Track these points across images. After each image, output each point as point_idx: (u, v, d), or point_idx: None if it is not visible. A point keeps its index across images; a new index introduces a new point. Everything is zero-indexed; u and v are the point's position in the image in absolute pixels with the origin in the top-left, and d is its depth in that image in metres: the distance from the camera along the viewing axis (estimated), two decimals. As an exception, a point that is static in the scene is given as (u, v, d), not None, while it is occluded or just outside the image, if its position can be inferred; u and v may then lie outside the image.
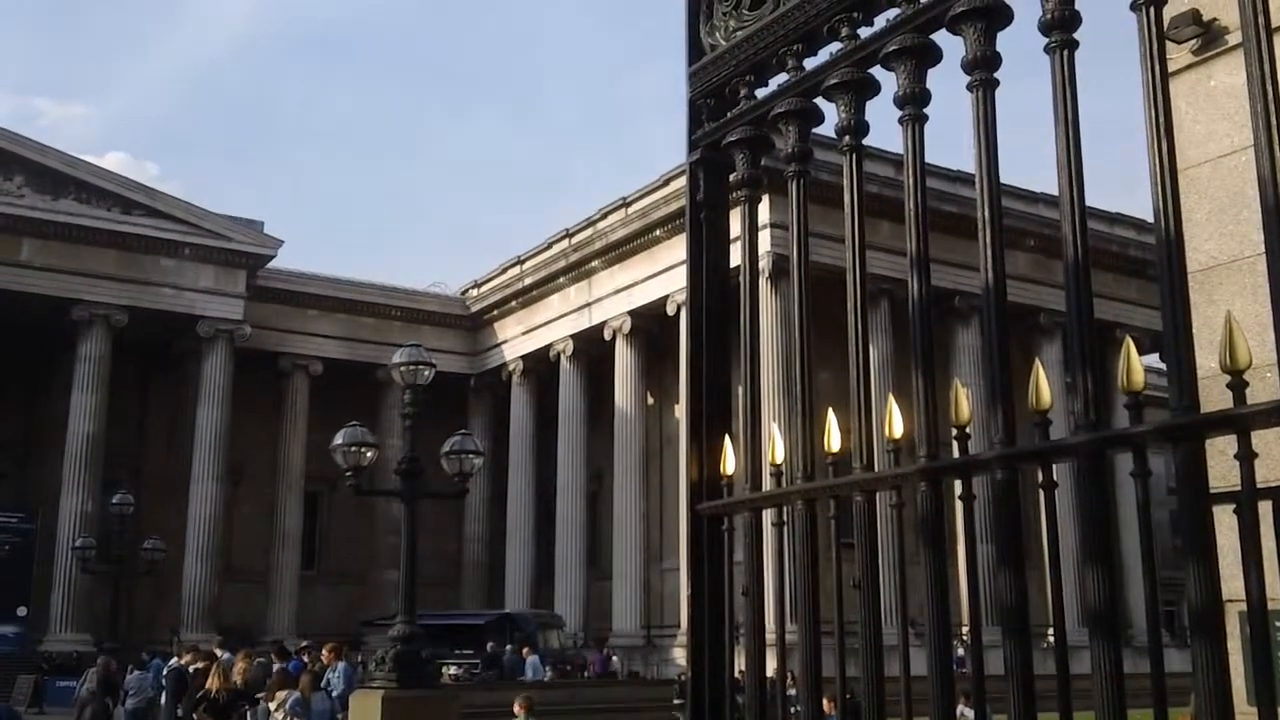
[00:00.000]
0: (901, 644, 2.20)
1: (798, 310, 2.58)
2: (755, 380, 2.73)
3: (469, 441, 14.36)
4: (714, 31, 2.89)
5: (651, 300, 36.54)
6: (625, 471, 37.46)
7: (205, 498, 37.76)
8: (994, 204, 2.19)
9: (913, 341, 2.29)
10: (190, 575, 36.80)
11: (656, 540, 37.49)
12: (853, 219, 2.45)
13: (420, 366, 13.23)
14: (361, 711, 12.47)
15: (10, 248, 35.71)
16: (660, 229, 35.95)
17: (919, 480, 2.21)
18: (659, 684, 28.30)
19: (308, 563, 42.48)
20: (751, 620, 2.60)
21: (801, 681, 2.45)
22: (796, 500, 2.48)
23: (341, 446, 13.16)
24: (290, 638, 32.38)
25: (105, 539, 28.19)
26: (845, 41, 2.48)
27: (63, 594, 34.68)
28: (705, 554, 2.75)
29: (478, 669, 27.15)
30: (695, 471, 2.80)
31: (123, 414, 38.21)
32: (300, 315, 42.07)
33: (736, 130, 2.78)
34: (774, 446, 2.57)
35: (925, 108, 2.36)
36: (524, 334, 43.11)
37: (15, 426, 38.73)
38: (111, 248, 36.98)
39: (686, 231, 2.99)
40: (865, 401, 2.38)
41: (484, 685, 24.41)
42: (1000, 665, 2.08)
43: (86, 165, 38.45)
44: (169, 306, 38.05)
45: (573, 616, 36.56)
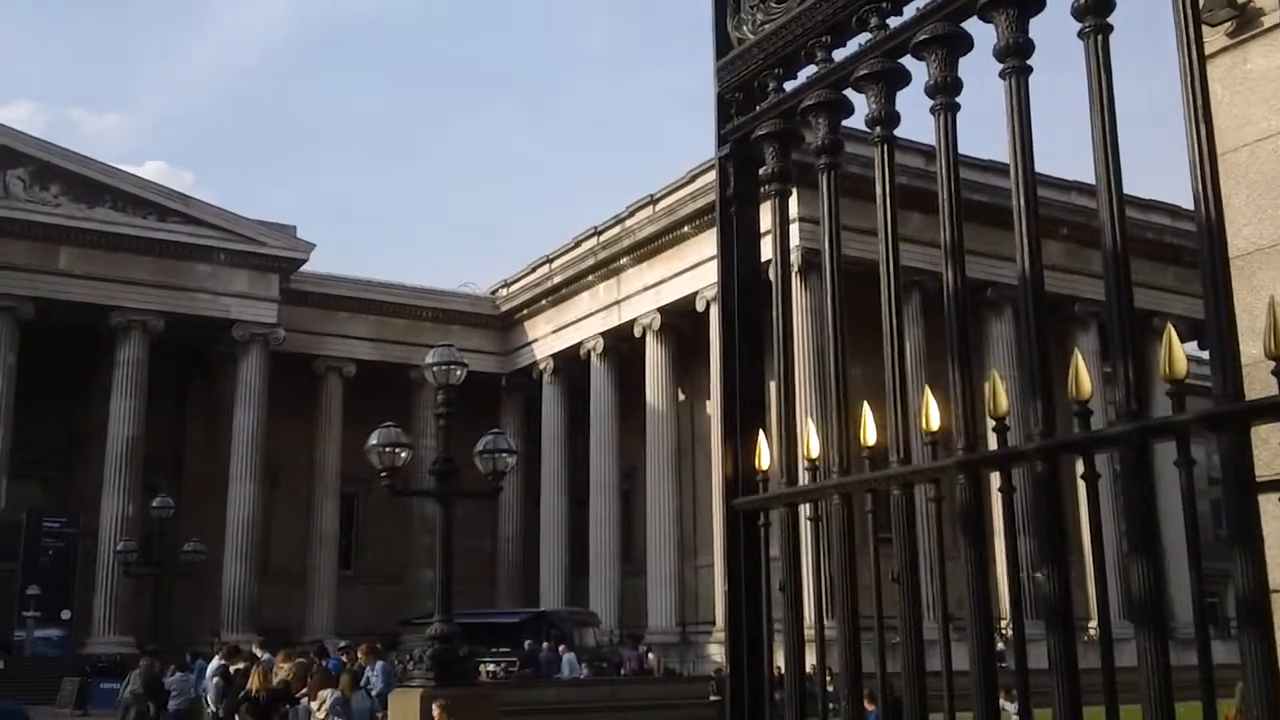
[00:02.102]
0: (942, 639, 2.18)
1: (831, 303, 2.56)
2: (789, 374, 2.71)
3: (502, 440, 14.39)
4: (741, 25, 2.87)
5: (680, 297, 36.50)
6: (658, 468, 37.44)
7: (243, 500, 38.09)
8: (1029, 193, 2.17)
9: (948, 333, 2.26)
10: (230, 577, 37.14)
11: (690, 536, 37.45)
12: (885, 210, 2.43)
13: (452, 366, 13.26)
14: (400, 710, 12.53)
15: (49, 257, 36.15)
16: (688, 225, 35.90)
17: (958, 473, 2.19)
18: (695, 681, 28.30)
19: (344, 563, 42.75)
20: (789, 616, 2.59)
21: (841, 677, 2.43)
22: (833, 495, 2.46)
23: (376, 447, 13.22)
24: (329, 637, 32.65)
25: (146, 542, 28.43)
26: (875, 32, 2.45)
27: (105, 597, 35.08)
28: (741, 550, 2.74)
29: (514, 667, 27.23)
30: (730, 467, 2.79)
31: (161, 418, 38.59)
32: (333, 318, 42.35)
33: (766, 124, 2.76)
34: (809, 441, 2.55)
35: (957, 96, 2.34)
36: (554, 332, 43.17)
37: (57, 432, 39.19)
38: (148, 254, 37.36)
39: (717, 226, 2.97)
40: (901, 394, 2.36)
41: (521, 683, 24.48)
42: (1040, 659, 2.06)
43: (122, 174, 38.86)
44: (205, 311, 38.40)
45: (607, 614, 36.59)
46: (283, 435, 40.15)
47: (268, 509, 39.77)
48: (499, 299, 46.13)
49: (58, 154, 37.30)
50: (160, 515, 24.89)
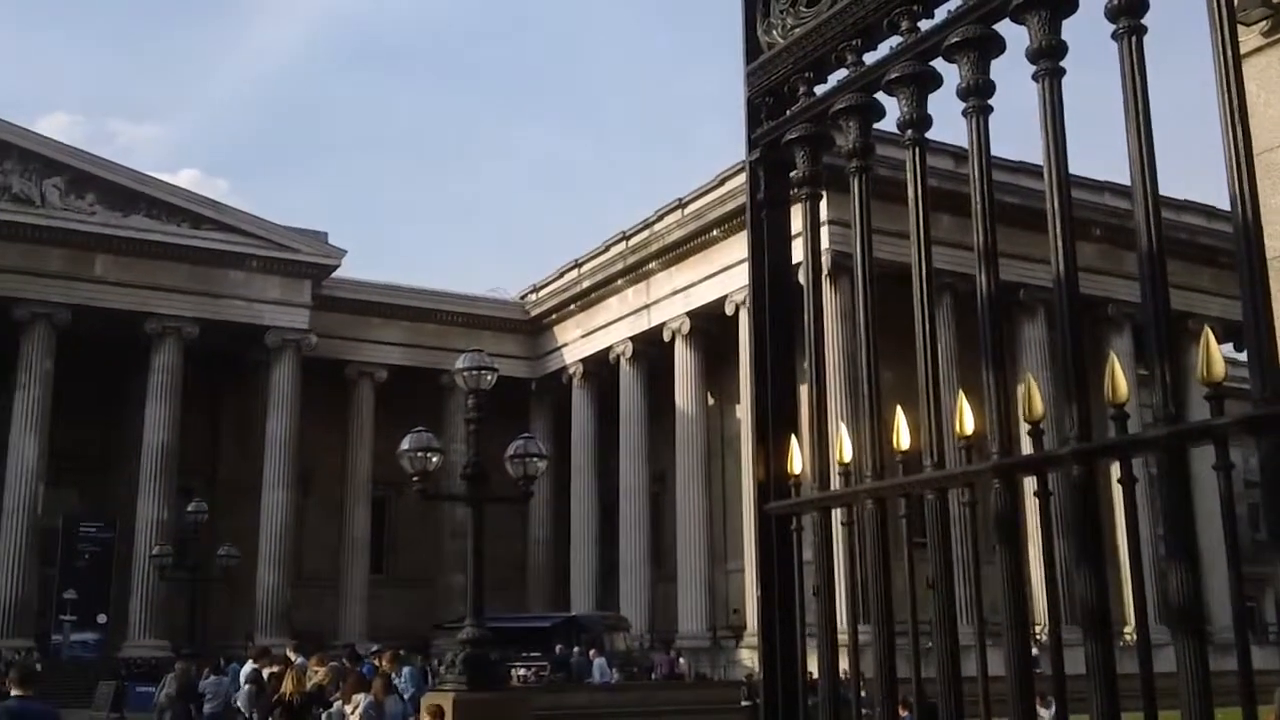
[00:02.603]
0: (978, 644, 2.17)
1: (863, 306, 2.56)
2: (821, 378, 2.70)
3: (533, 445, 14.40)
4: (771, 30, 2.87)
5: (709, 301, 36.46)
6: (687, 472, 37.41)
7: (276, 505, 38.35)
8: (1063, 195, 2.15)
9: (981, 336, 2.25)
10: (264, 581, 37.38)
11: (720, 541, 37.39)
12: (917, 213, 2.42)
13: (483, 371, 13.30)
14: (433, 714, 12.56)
15: (85, 264, 36.55)
16: (717, 229, 35.86)
17: (993, 477, 2.18)
18: (726, 685, 28.25)
19: (376, 567, 42.95)
20: (823, 621, 2.58)
21: (876, 682, 2.42)
22: (866, 499, 2.45)
23: (408, 452, 13.26)
24: (361, 641, 32.80)
25: (181, 546, 28.70)
26: (906, 35, 2.45)
27: (141, 601, 35.38)
28: (775, 554, 2.73)
29: (545, 671, 27.26)
30: (762, 471, 2.79)
31: (196, 424, 38.92)
32: (364, 323, 42.57)
33: (796, 128, 2.76)
34: (841, 445, 2.55)
35: (989, 99, 2.33)
36: (583, 337, 43.22)
37: (93, 438, 39.59)
38: (182, 262, 37.71)
39: (748, 230, 2.97)
40: (935, 398, 2.35)
41: (552, 688, 24.51)
42: (1076, 665, 2.04)
43: (156, 182, 39.25)
44: (238, 318, 38.69)
45: (637, 618, 36.57)
46: (315, 440, 40.41)
47: (300, 514, 40.02)
48: (528, 304, 46.24)
49: (93, 162, 37.72)
50: (195, 520, 25.11)
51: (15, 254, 35.54)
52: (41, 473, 35.29)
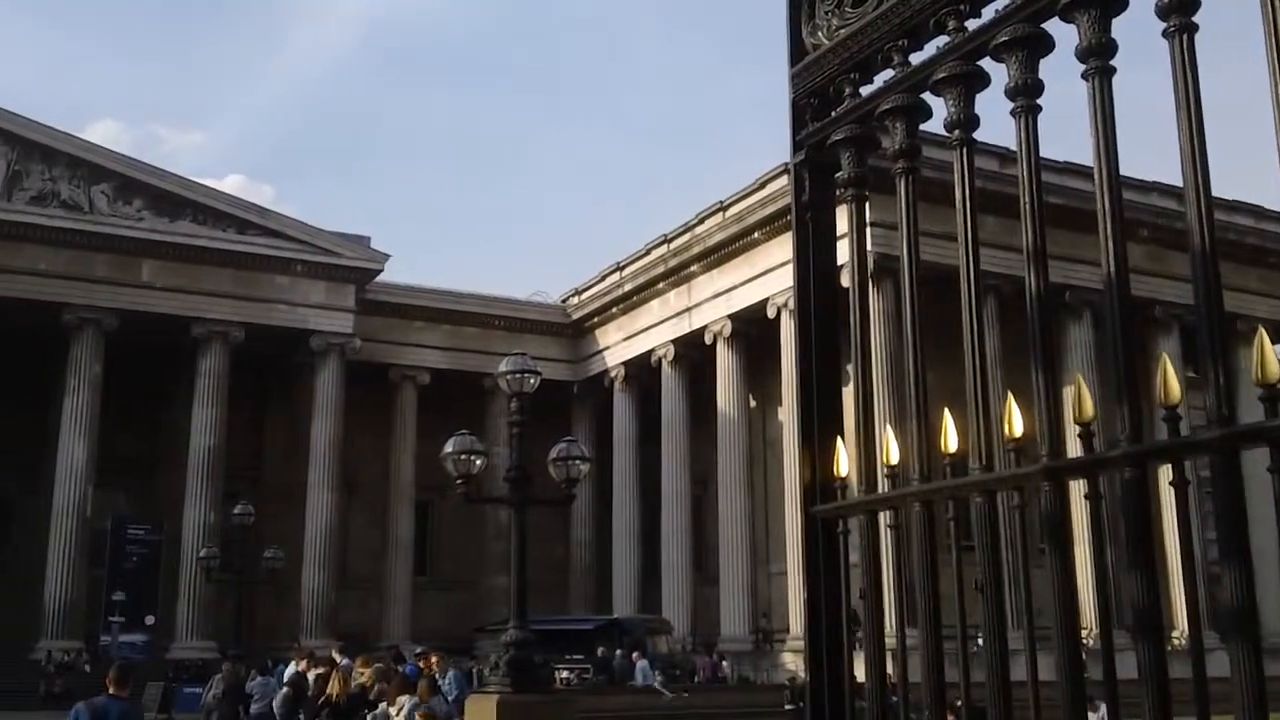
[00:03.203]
0: (1028, 648, 2.15)
1: (909, 308, 2.54)
2: (867, 380, 2.69)
3: (576, 448, 14.40)
4: (816, 31, 2.86)
5: (751, 303, 36.37)
6: (729, 475, 37.34)
7: (321, 507, 38.67)
8: (1114, 196, 2.13)
9: (1031, 337, 2.23)
10: (309, 583, 37.70)
11: (763, 544, 37.29)
12: (964, 214, 2.41)
13: (526, 374, 13.32)
14: (477, 715, 12.62)
15: (132, 269, 37.06)
16: (758, 232, 35.78)
17: (1042, 480, 2.16)
18: (769, 689, 28.17)
19: (419, 569, 43.19)
20: (870, 624, 2.57)
21: (925, 687, 2.41)
22: (914, 502, 2.44)
23: (452, 454, 13.31)
24: (405, 643, 32.97)
25: (227, 549, 28.99)
26: (953, 35, 2.43)
27: (188, 602, 35.80)
28: (821, 557, 2.72)
29: (588, 674, 27.30)
30: (808, 474, 2.78)
31: (242, 427, 39.33)
32: (407, 327, 42.84)
33: (842, 129, 2.75)
34: (888, 447, 2.54)
35: (1038, 98, 2.31)
36: (625, 340, 43.26)
37: (141, 441, 40.09)
38: (228, 267, 38.14)
39: (793, 233, 2.97)
40: (983, 400, 2.33)
41: (595, 690, 24.54)
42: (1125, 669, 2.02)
43: (202, 188, 39.71)
44: (283, 322, 39.07)
45: (680, 621, 36.55)
46: (358, 443, 40.72)
47: (344, 516, 40.34)
48: (570, 307, 46.35)
49: (140, 169, 38.25)
50: (241, 522, 25.33)
51: (64, 260, 36.11)
52: (90, 475, 35.79)
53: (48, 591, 34.68)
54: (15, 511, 40.01)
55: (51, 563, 34.84)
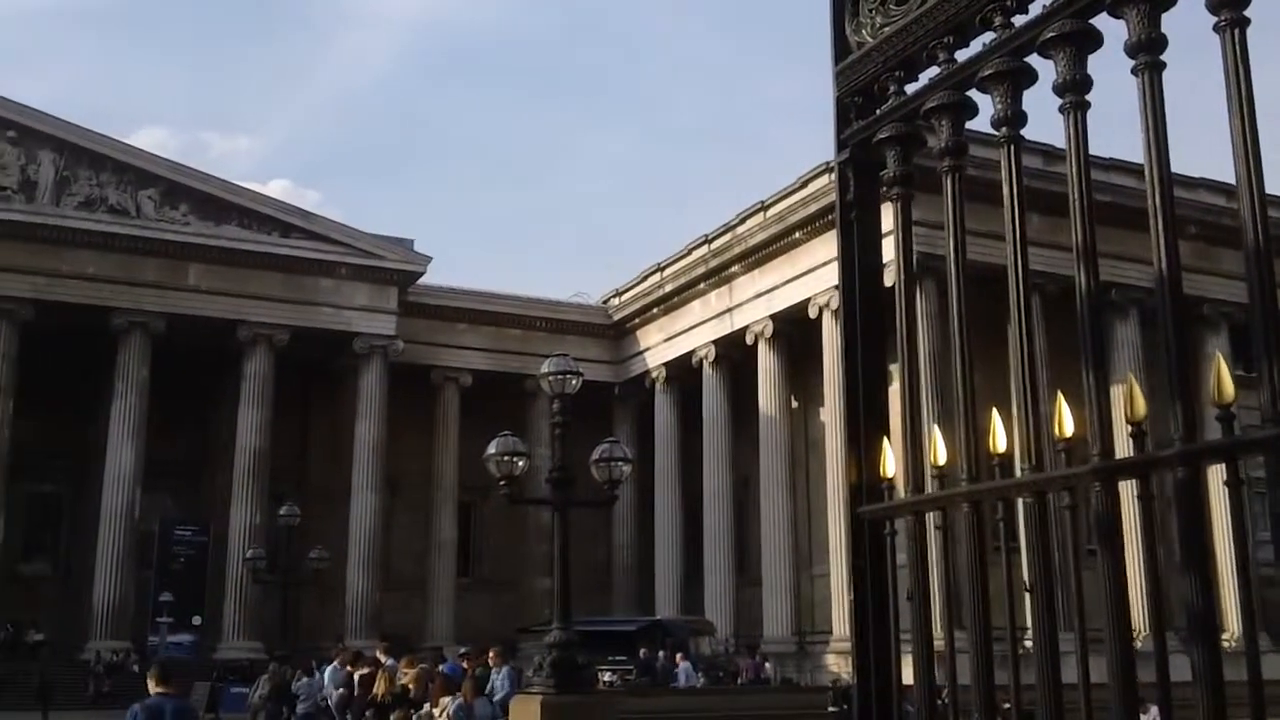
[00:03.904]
0: (1079, 650, 2.13)
1: (957, 308, 2.52)
2: (914, 380, 2.67)
3: (618, 449, 14.42)
4: (860, 29, 2.85)
5: (792, 304, 36.24)
6: (771, 476, 37.21)
7: (365, 509, 38.95)
8: (1165, 192, 2.11)
9: (1081, 336, 2.21)
10: (353, 584, 37.98)
11: (805, 545, 37.14)
12: (1012, 212, 2.39)
13: (568, 376, 13.36)
14: (522, 716, 12.66)
15: (178, 273, 37.52)
16: (799, 231, 35.65)
17: (1093, 480, 2.13)
18: (813, 691, 28.04)
19: (463, 570, 43.36)
20: (918, 626, 2.55)
21: (974, 690, 2.39)
22: (962, 503, 2.42)
23: (494, 456, 13.37)
24: (448, 644, 33.16)
25: (272, 550, 29.24)
26: (999, 31, 2.41)
27: (235, 603, 36.17)
28: (867, 558, 2.71)
29: (631, 675, 27.27)
30: (854, 475, 2.76)
31: (287, 429, 39.67)
32: (449, 329, 43.06)
33: (887, 127, 2.73)
34: (936, 448, 2.52)
35: (1087, 95, 2.29)
36: (666, 341, 43.24)
37: (188, 444, 40.56)
38: (273, 270, 38.51)
39: (837, 232, 2.95)
40: (1032, 400, 2.31)
41: (638, 691, 24.53)
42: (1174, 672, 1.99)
43: (247, 192, 40.14)
44: (327, 325, 39.41)
45: (722, 623, 36.46)
46: (401, 445, 40.97)
47: (388, 518, 40.60)
48: (611, 308, 46.39)
49: (186, 174, 38.71)
50: (287, 524, 25.54)
51: (112, 264, 36.61)
52: (138, 477, 36.25)
53: (97, 592, 35.15)
54: (65, 514, 40.62)
55: (100, 564, 35.32)
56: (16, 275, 35.42)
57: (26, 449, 36.26)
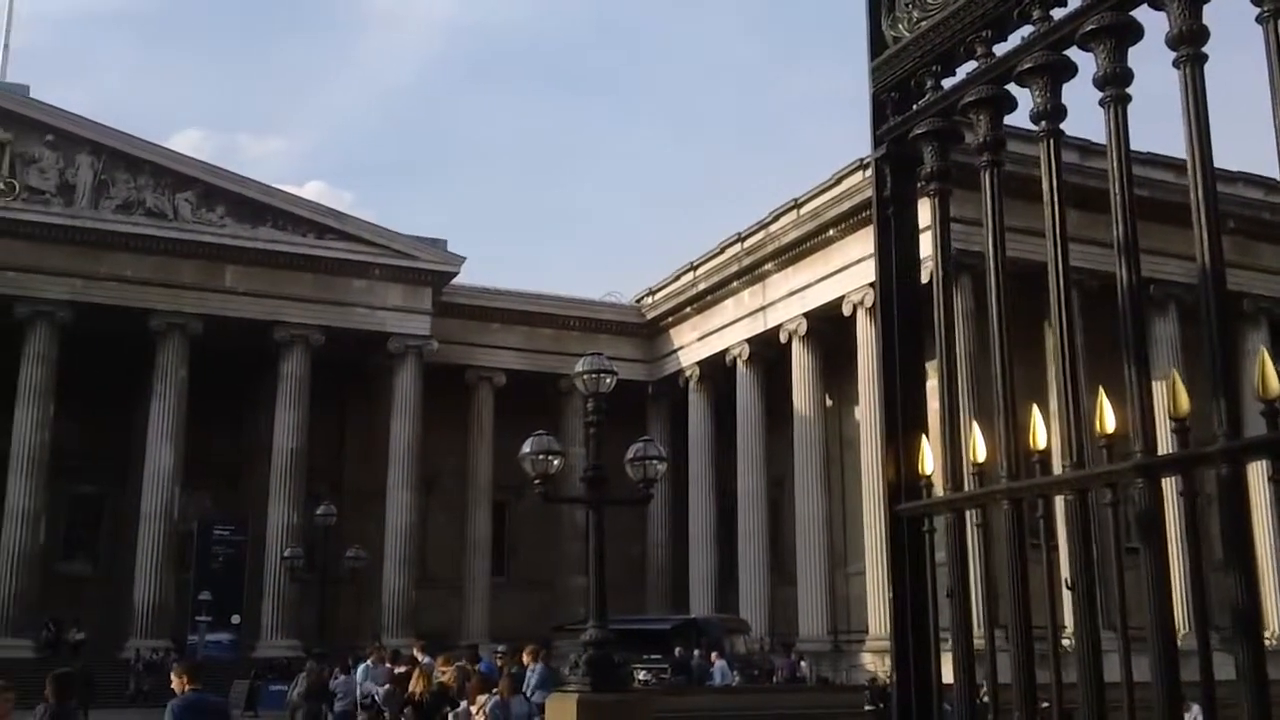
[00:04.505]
0: (1122, 649, 2.11)
1: (996, 304, 2.50)
2: (952, 377, 2.66)
3: (652, 447, 14.41)
4: (896, 24, 2.83)
5: (826, 301, 36.11)
6: (806, 475, 37.10)
7: (401, 508, 39.16)
8: (1208, 186, 2.08)
9: (1123, 331, 2.18)
10: (389, 583, 38.20)
11: (840, 543, 37.01)
12: (1052, 207, 2.37)
13: (602, 375, 13.37)
14: (558, 714, 12.68)
15: (215, 275, 37.87)
16: (833, 229, 35.50)
17: (1135, 477, 2.11)
18: (849, 690, 27.94)
19: (497, 569, 43.50)
20: (957, 624, 2.53)
21: (1015, 689, 2.37)
22: (1003, 500, 2.40)
23: (529, 455, 13.40)
24: (484, 642, 33.26)
25: (309, 549, 29.47)
26: (1038, 24, 2.39)
27: (273, 602, 36.46)
28: (906, 556, 2.69)
29: (666, 674, 27.26)
30: (892, 472, 2.75)
31: (323, 429, 39.97)
32: (483, 329, 43.22)
33: (924, 122, 2.71)
34: (975, 445, 2.50)
35: (1128, 88, 2.26)
36: (699, 339, 43.21)
37: (226, 444, 40.92)
38: (307, 271, 38.80)
39: (874, 228, 2.94)
40: (1073, 396, 2.29)
41: (673, 690, 24.52)
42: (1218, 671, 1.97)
43: (282, 194, 40.46)
44: (362, 325, 39.65)
45: (757, 621, 36.39)
46: (436, 444, 41.16)
47: (423, 516, 40.80)
48: (644, 307, 46.40)
49: (222, 176, 39.07)
50: (323, 523, 25.74)
51: (150, 266, 37.01)
52: (177, 477, 36.61)
53: (137, 592, 35.54)
54: (105, 514, 41.13)
55: (140, 563, 35.70)
56: (55, 278, 35.88)
57: (67, 450, 36.75)
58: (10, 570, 34.35)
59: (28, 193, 36.23)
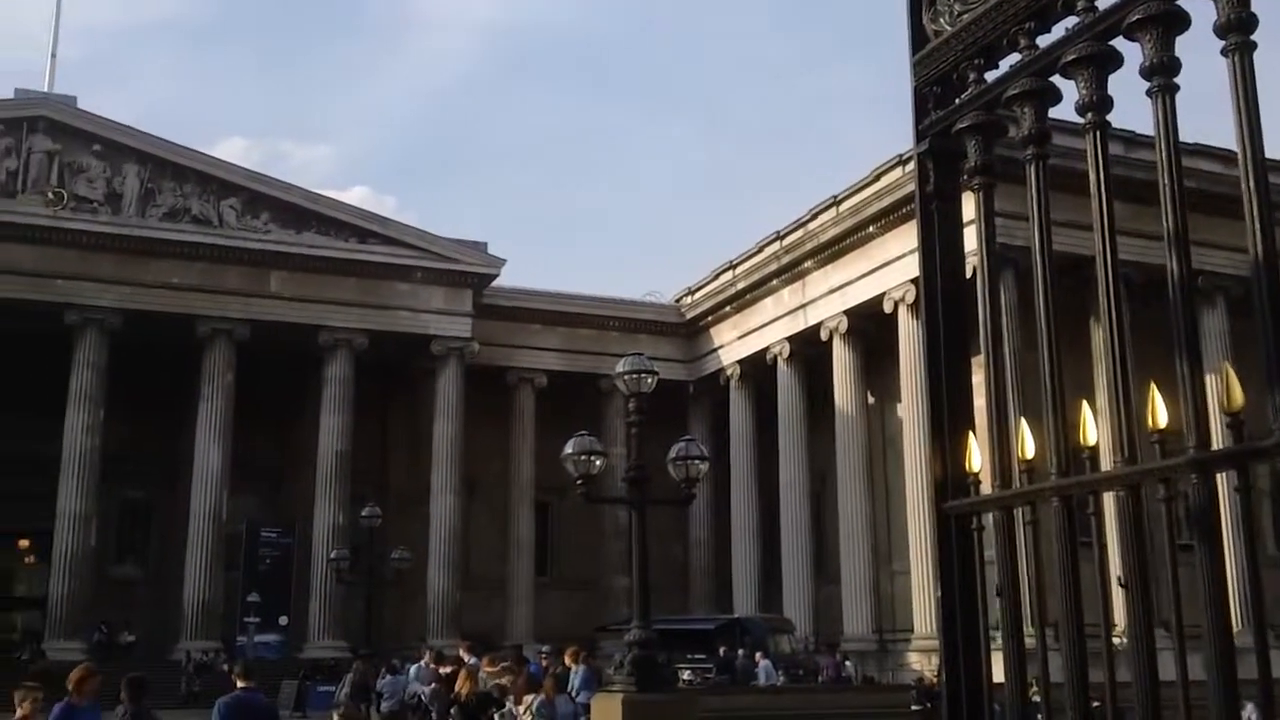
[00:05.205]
0: (1177, 647, 2.07)
1: (1042, 298, 2.47)
2: (999, 373, 2.63)
3: (694, 447, 14.39)
4: (938, 17, 2.81)
5: (867, 299, 35.91)
6: (849, 473, 36.93)
7: (444, 509, 39.39)
8: (1259, 177, 2.05)
9: (1174, 324, 2.15)
10: (434, 584, 38.44)
11: (885, 542, 36.80)
12: (1100, 200, 2.34)
13: (644, 375, 13.37)
14: (603, 714, 12.70)
15: (260, 280, 38.27)
16: (873, 225, 35.30)
17: (1189, 472, 2.08)
18: (895, 689, 27.77)
19: (540, 569, 43.63)
20: (1008, 623, 2.50)
21: (1067, 688, 2.34)
22: (1052, 497, 2.37)
23: (572, 455, 13.43)
24: (528, 643, 33.38)
25: (355, 551, 29.68)
26: (1083, 14, 2.36)
27: (319, 603, 36.80)
28: (954, 554, 2.67)
29: (710, 674, 27.21)
30: (939, 469, 2.72)
31: (367, 431, 40.28)
32: (523, 330, 43.36)
33: (967, 116, 2.69)
34: (1024, 441, 2.47)
35: (1175, 77, 2.23)
36: (739, 338, 43.11)
37: (271, 447, 41.34)
38: (351, 275, 39.14)
39: (917, 223, 2.91)
40: (1124, 391, 2.26)
41: (718, 690, 24.48)
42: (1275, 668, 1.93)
43: (325, 199, 40.82)
44: (405, 328, 39.92)
45: (801, 621, 36.25)
46: (478, 446, 41.36)
47: (466, 518, 41.00)
48: (684, 306, 46.37)
49: (266, 183, 39.49)
50: (369, 525, 25.87)
51: (196, 273, 37.48)
52: (225, 481, 37.03)
53: (186, 593, 35.98)
54: (155, 517, 41.67)
55: (190, 566, 36.14)
56: (104, 285, 36.41)
57: (117, 455, 37.27)
58: (62, 573, 34.90)
59: (76, 202, 36.78)
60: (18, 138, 36.58)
